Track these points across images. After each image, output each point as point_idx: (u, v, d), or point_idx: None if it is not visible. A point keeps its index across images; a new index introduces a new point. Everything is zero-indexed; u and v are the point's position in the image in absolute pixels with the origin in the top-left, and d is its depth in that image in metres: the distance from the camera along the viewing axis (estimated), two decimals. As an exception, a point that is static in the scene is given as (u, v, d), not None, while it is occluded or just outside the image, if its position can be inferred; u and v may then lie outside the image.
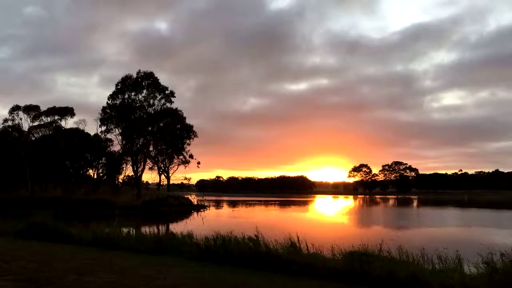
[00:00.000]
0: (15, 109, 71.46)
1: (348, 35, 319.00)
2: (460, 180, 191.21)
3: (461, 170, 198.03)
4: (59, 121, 74.41)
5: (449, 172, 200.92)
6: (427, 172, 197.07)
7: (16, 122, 71.64)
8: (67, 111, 74.55)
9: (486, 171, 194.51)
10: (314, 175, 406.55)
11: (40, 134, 76.00)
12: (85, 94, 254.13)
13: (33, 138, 75.09)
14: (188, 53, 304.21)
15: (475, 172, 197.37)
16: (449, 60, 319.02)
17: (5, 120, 71.21)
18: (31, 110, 72.62)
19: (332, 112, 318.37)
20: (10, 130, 72.18)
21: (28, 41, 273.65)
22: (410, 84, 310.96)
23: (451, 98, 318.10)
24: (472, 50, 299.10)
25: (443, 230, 34.42)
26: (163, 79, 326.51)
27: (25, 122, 72.64)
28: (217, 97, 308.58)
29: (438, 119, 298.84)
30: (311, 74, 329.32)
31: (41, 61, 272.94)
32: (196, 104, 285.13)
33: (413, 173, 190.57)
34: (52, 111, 74.10)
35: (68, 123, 75.32)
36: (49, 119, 74.43)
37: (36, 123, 74.08)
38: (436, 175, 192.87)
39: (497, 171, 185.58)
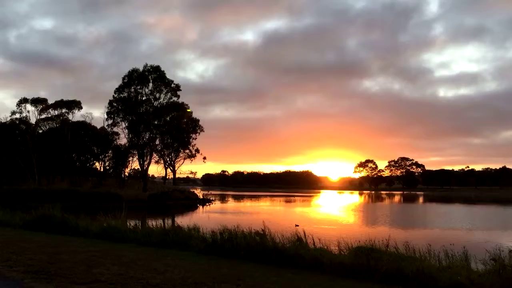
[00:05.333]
0: (22, 101, 71.80)
1: None
2: (466, 177, 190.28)
3: (468, 167, 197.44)
4: (66, 114, 74.78)
5: (456, 168, 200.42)
6: (432, 167, 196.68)
7: (24, 114, 72.08)
8: (75, 104, 74.81)
9: (493, 167, 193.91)
10: (320, 170, 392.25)
11: (48, 127, 76.39)
12: None
13: (40, 131, 75.48)
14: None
15: (482, 168, 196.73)
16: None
17: (13, 113, 71.66)
18: (39, 103, 72.95)
19: (309, 81, 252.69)
20: (17, 122, 72.56)
21: None
22: (406, 26, 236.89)
23: (463, 60, 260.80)
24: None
25: (450, 227, 34.31)
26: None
27: (33, 115, 73.05)
28: (139, 51, 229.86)
29: (443, 98, 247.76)
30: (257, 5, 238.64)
31: None
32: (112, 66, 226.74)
33: (419, 169, 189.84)
34: (59, 104, 74.40)
35: (75, 116, 75.63)
36: (56, 112, 74.84)
37: (43, 116, 74.55)
38: (442, 171, 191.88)
39: (504, 167, 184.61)
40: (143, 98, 69.05)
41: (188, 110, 76.53)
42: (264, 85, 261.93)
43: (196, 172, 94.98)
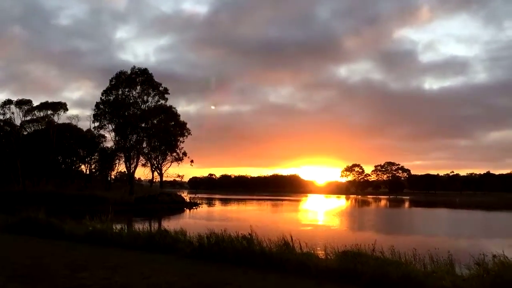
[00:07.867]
0: (6, 103, 70.76)
1: None
2: (451, 181, 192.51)
3: (452, 172, 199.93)
4: (51, 116, 73.75)
5: (441, 172, 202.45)
6: (417, 172, 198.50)
7: (8, 116, 70.94)
8: (60, 106, 73.98)
9: (478, 172, 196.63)
10: (306, 174, 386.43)
11: (32, 129, 75.25)
12: None
13: (25, 133, 74.37)
14: None
15: (467, 173, 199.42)
16: None
17: (-3, 115, 70.46)
18: (24, 104, 71.95)
19: (278, 67, 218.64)
20: (1, 124, 71.54)
21: None
22: None
23: (452, 40, 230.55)
24: None
25: (435, 232, 34.61)
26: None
27: (17, 117, 71.99)
28: (61, 27, 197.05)
29: (429, 91, 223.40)
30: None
31: None
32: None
33: (405, 174, 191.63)
34: (45, 105, 73.45)
35: (61, 118, 74.68)
36: (41, 113, 73.76)
37: (28, 118, 73.38)
38: (428, 176, 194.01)
39: (488, 173, 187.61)
40: (131, 101, 68.59)
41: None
42: (225, 73, 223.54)
43: (183, 176, 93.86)
